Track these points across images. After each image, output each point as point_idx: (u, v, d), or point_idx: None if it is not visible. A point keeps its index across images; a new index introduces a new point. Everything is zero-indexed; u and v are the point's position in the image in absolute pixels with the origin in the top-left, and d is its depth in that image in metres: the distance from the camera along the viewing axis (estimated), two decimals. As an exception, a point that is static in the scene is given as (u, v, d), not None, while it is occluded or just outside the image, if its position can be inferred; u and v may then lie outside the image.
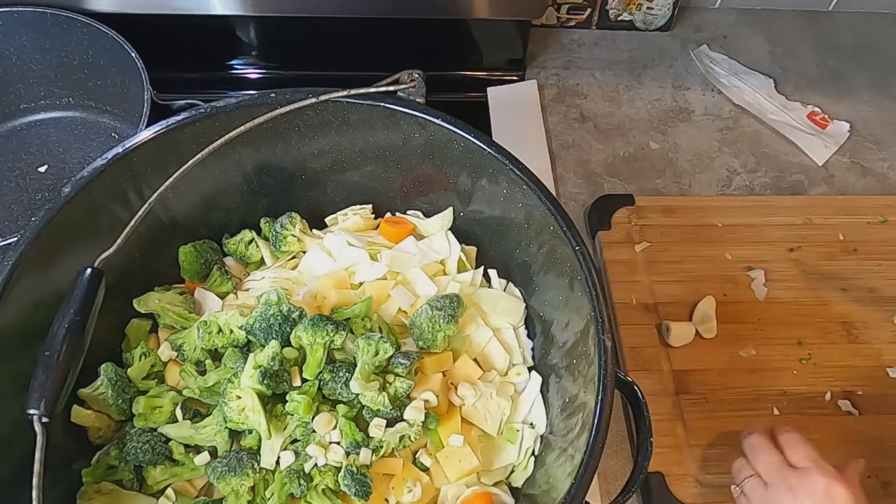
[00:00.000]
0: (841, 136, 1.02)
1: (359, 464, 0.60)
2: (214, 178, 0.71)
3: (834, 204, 0.93)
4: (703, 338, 0.81)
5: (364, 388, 0.60)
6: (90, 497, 0.62)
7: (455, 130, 0.66)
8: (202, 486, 0.65)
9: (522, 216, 0.68)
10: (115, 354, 0.69)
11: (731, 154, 1.01)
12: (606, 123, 1.03)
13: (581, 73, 1.08)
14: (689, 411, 0.77)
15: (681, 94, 1.06)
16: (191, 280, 0.74)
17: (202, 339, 0.65)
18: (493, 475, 0.66)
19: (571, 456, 0.57)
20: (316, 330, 0.62)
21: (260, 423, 0.61)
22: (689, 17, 1.14)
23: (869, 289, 0.86)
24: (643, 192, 0.96)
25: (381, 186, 0.76)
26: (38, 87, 0.93)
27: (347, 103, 0.67)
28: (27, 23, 0.88)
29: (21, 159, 0.92)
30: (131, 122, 0.91)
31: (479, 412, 0.66)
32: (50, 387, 0.51)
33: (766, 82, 1.06)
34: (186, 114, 0.65)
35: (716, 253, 0.88)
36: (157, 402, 0.65)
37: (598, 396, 0.55)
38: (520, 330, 0.73)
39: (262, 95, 0.66)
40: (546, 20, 1.10)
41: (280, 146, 0.71)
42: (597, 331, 0.57)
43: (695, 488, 0.73)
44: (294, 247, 0.75)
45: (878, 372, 0.81)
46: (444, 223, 0.75)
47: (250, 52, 1.01)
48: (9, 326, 0.57)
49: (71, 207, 0.61)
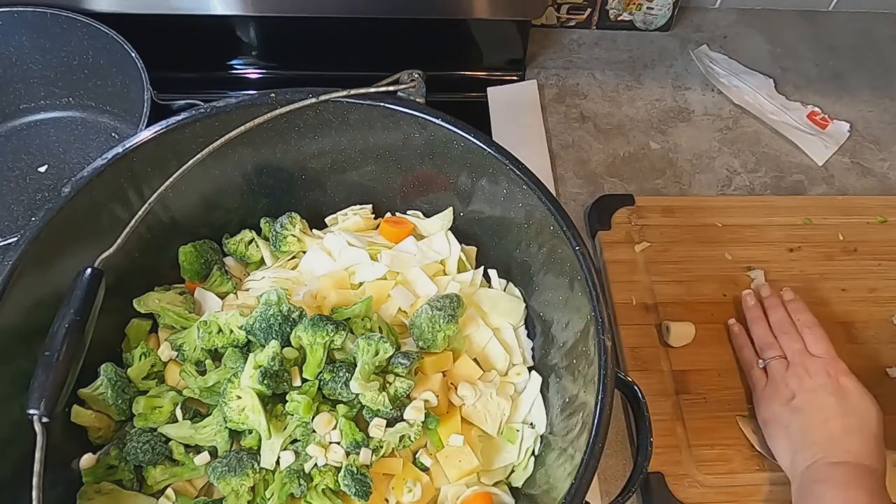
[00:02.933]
0: (841, 136, 1.02)
1: (359, 464, 0.60)
2: (214, 178, 0.71)
3: (834, 204, 0.93)
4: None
5: (364, 388, 0.60)
6: (90, 497, 0.61)
7: (455, 130, 0.66)
8: (202, 486, 0.65)
9: (522, 216, 0.68)
10: (115, 354, 0.69)
11: (731, 154, 1.01)
12: (606, 123, 1.03)
13: (581, 73, 1.08)
14: (689, 411, 0.77)
15: (681, 94, 1.06)
16: (191, 280, 0.74)
17: (202, 339, 0.65)
18: (493, 475, 0.66)
19: (571, 456, 0.57)
20: (316, 330, 0.62)
21: (260, 423, 0.61)
22: (689, 17, 1.14)
23: (869, 289, 0.86)
24: (643, 192, 0.96)
25: (381, 186, 0.76)
26: (38, 87, 0.93)
27: (347, 103, 0.67)
28: (27, 23, 0.88)
29: (21, 159, 0.92)
30: (131, 122, 0.91)
31: (479, 412, 0.66)
32: (50, 387, 0.51)
33: (766, 82, 1.06)
34: (186, 114, 0.65)
35: (716, 253, 0.88)
36: (157, 402, 0.65)
37: (598, 396, 0.55)
38: (520, 330, 0.73)
39: (262, 95, 0.66)
40: (546, 20, 1.10)
41: (280, 146, 0.71)
42: (597, 331, 0.57)
43: (695, 488, 0.73)
44: (294, 247, 0.75)
45: (878, 372, 0.81)
46: (444, 223, 0.75)
47: (250, 52, 1.01)
48: (9, 326, 0.57)
49: (71, 207, 0.60)
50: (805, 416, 0.70)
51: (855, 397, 0.69)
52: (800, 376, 0.72)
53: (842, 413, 0.68)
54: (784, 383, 0.73)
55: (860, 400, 0.69)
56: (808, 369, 0.72)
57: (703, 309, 0.83)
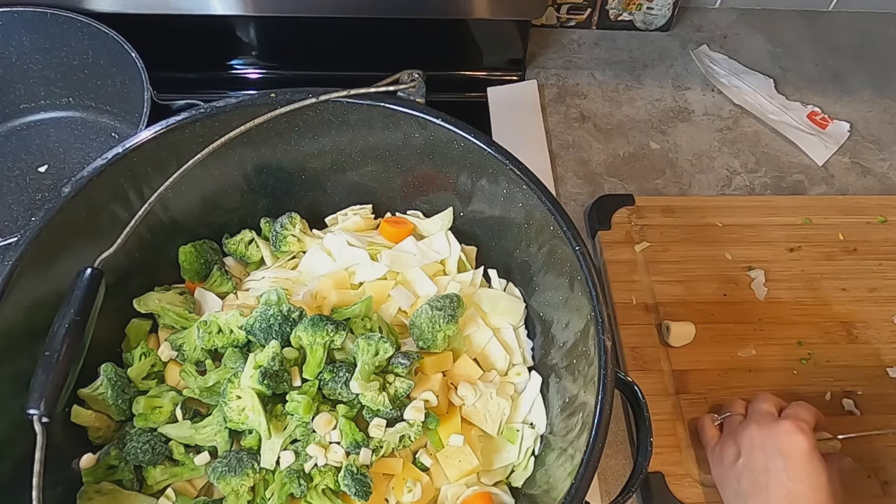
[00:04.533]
0: (841, 136, 1.02)
1: (359, 464, 0.60)
2: (214, 178, 0.71)
3: (834, 204, 0.93)
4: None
5: (364, 388, 0.60)
6: (90, 497, 0.61)
7: (455, 130, 0.66)
8: (202, 486, 0.65)
9: (522, 216, 0.68)
10: (115, 354, 0.69)
11: (731, 154, 1.01)
12: (606, 123, 1.03)
13: (581, 73, 1.08)
14: (689, 411, 0.77)
15: (681, 94, 1.06)
16: (191, 280, 0.74)
17: (202, 339, 0.65)
18: (493, 475, 0.66)
19: (571, 456, 0.57)
20: (316, 330, 0.62)
21: (260, 423, 0.61)
22: (689, 17, 1.14)
23: (869, 289, 0.86)
24: (643, 192, 0.96)
25: (381, 186, 0.76)
26: (38, 87, 0.93)
27: (347, 103, 0.67)
28: (27, 23, 0.88)
29: (21, 159, 0.92)
30: (131, 122, 0.91)
31: (479, 412, 0.66)
32: (50, 387, 0.51)
33: (766, 82, 1.06)
34: (186, 114, 0.65)
35: (716, 253, 0.88)
36: (157, 402, 0.65)
37: (598, 396, 0.55)
38: (520, 330, 0.73)
39: (262, 95, 0.66)
40: (546, 20, 1.10)
41: (280, 146, 0.71)
42: (597, 331, 0.57)
43: (695, 488, 0.73)
44: (294, 247, 0.75)
45: (878, 372, 0.81)
46: (444, 223, 0.75)
47: (250, 52, 1.01)
48: (9, 326, 0.57)
49: (71, 207, 0.60)
50: (749, 479, 0.64)
51: (803, 462, 0.62)
52: (750, 434, 0.65)
53: (786, 478, 0.62)
54: (732, 440, 0.67)
55: (809, 465, 0.61)
56: (762, 427, 0.65)
57: (703, 309, 0.83)
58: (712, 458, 0.70)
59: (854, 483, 0.72)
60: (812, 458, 0.62)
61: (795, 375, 0.80)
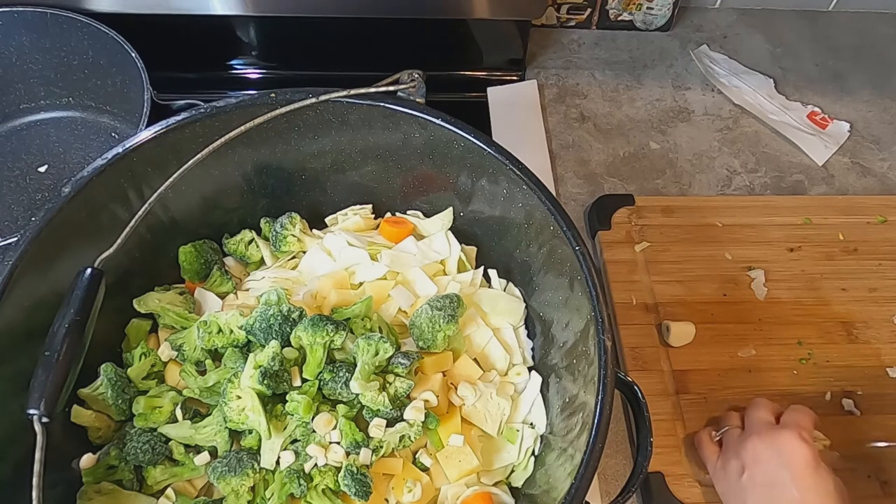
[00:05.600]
0: (841, 136, 1.02)
1: (359, 464, 0.60)
2: (214, 178, 0.71)
3: (834, 204, 0.93)
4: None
5: (364, 388, 0.60)
6: (90, 497, 0.61)
7: (455, 130, 0.66)
8: (202, 486, 0.65)
9: (522, 216, 0.67)
10: (115, 354, 0.69)
11: (731, 154, 1.01)
12: (606, 123, 1.03)
13: (581, 73, 1.08)
14: (689, 411, 0.77)
15: (681, 94, 1.06)
16: (191, 280, 0.74)
17: (202, 339, 0.65)
18: (493, 475, 0.66)
19: (571, 456, 0.57)
20: (316, 330, 0.62)
21: (260, 423, 0.61)
22: (689, 17, 1.14)
23: (869, 289, 0.86)
24: (643, 192, 0.96)
25: (381, 186, 0.76)
26: (38, 87, 0.93)
27: (347, 103, 0.67)
28: (27, 23, 0.88)
29: (21, 159, 0.92)
30: (131, 122, 0.91)
31: (479, 412, 0.66)
32: (50, 387, 0.51)
33: (766, 82, 1.06)
34: (186, 114, 0.65)
35: (716, 253, 0.88)
36: (157, 402, 0.65)
37: (598, 396, 0.55)
38: (520, 330, 0.73)
39: (262, 95, 0.66)
40: (546, 20, 1.10)
41: (280, 146, 0.71)
42: (597, 331, 0.57)
43: (695, 488, 0.73)
44: (294, 247, 0.75)
45: (878, 372, 0.81)
46: (444, 223, 0.75)
47: (250, 52, 1.01)
48: (9, 326, 0.57)
49: (71, 207, 0.60)
50: (757, 494, 0.63)
51: (809, 472, 0.61)
52: (753, 447, 0.64)
53: (795, 491, 0.61)
54: (734, 454, 0.66)
55: (815, 475, 0.61)
56: (763, 437, 0.64)
57: (703, 309, 0.83)
58: (716, 475, 0.68)
59: (854, 483, 0.72)
60: (818, 467, 0.62)
61: (795, 375, 0.80)
